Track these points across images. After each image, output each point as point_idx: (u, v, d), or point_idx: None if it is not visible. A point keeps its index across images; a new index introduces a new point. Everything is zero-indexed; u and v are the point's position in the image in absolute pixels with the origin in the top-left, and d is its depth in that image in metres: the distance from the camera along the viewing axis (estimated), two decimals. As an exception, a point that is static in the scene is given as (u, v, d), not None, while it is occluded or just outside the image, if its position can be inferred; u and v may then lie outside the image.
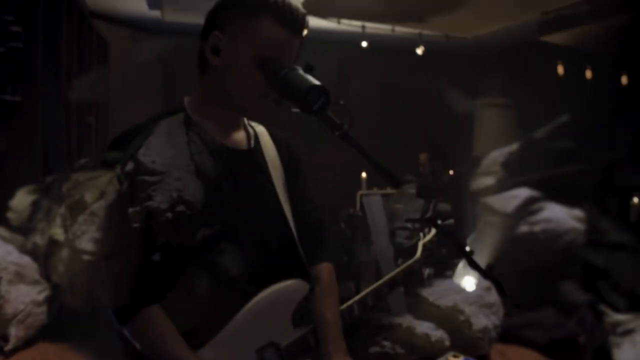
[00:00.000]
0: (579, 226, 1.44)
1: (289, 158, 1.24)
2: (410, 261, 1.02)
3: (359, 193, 4.44)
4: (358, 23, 5.02)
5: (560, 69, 4.68)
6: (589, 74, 4.62)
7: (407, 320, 0.91)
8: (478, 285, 1.08)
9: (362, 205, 3.85)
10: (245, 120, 1.22)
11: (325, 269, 1.19)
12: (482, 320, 1.01)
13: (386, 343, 0.85)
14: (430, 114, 5.47)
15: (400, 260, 2.20)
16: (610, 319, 1.23)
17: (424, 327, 0.91)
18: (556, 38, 4.72)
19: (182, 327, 0.76)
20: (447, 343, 0.93)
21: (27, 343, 1.21)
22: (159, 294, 0.77)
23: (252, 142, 1.18)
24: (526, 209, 1.49)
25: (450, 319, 0.97)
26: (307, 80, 0.98)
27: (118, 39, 4.82)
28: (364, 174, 4.48)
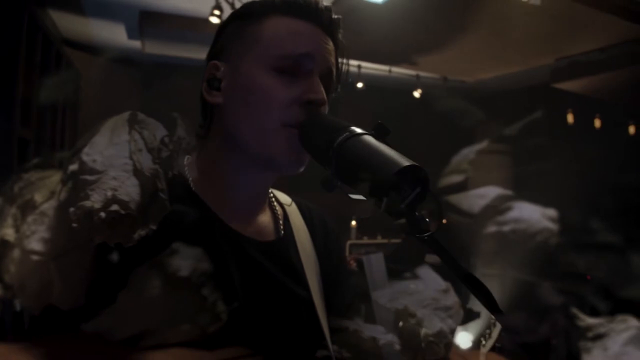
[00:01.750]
0: (552, 226, 1.41)
1: (327, 246, 1.02)
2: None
3: (348, 242, 4.37)
4: (354, 62, 5.10)
5: (570, 117, 4.78)
6: (598, 122, 4.74)
7: (355, 324, 0.89)
8: (433, 287, 1.05)
9: (358, 262, 3.76)
10: (271, 194, 1.00)
11: None
12: (437, 324, 0.98)
13: (333, 347, 0.83)
14: (427, 157, 5.50)
15: (401, 324, 2.17)
16: (582, 322, 1.18)
17: (372, 331, 0.88)
18: (565, 85, 4.83)
19: (134, 328, 0.75)
20: (397, 347, 0.92)
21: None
22: (111, 295, 0.76)
23: (282, 227, 0.96)
24: (495, 209, 1.45)
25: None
26: (390, 159, 0.66)
27: (92, 69, 4.84)
28: (353, 222, 4.42)
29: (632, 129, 4.88)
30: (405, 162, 0.66)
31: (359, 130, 0.73)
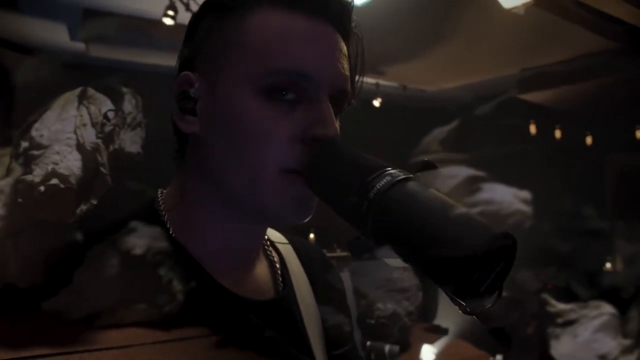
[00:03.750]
0: (525, 208, 1.43)
1: (330, 298, 0.88)
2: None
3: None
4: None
5: (533, 128, 4.91)
6: (558, 133, 4.91)
7: None
8: (390, 268, 1.04)
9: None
10: (266, 236, 0.85)
11: None
12: (390, 306, 0.95)
13: None
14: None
15: (368, 344, 2.13)
16: (552, 308, 1.19)
17: (321, 312, 0.83)
18: (529, 96, 4.98)
19: (90, 307, 0.72)
20: (347, 328, 0.89)
21: None
22: (70, 273, 0.72)
23: (280, 280, 0.81)
24: (465, 190, 1.44)
25: (351, 303, 0.94)
26: (472, 225, 0.50)
27: (28, 71, 4.64)
28: (312, 235, 4.37)
29: (589, 140, 5.09)
30: (490, 230, 0.48)
31: (400, 172, 0.55)
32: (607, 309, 1.24)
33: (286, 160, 0.64)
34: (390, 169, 0.55)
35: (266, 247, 0.84)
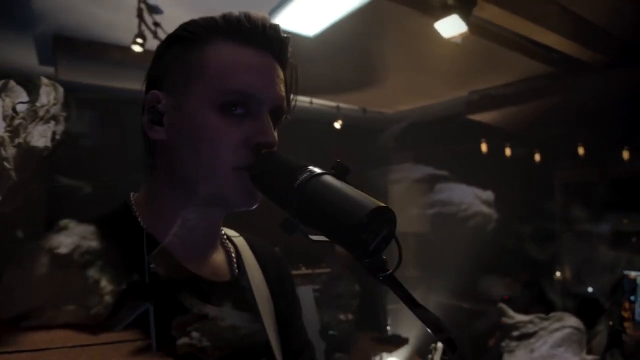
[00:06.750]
0: (487, 210, 1.45)
1: (281, 285, 1.02)
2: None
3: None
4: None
5: (484, 146, 5.19)
6: (508, 151, 5.18)
7: (216, 311, 0.85)
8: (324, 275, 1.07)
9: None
10: (222, 231, 0.99)
11: None
12: (323, 314, 1.00)
13: (195, 334, 0.81)
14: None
15: (336, 355, 2.14)
16: (509, 320, 1.16)
17: (234, 319, 0.86)
18: (478, 116, 5.26)
19: (19, 307, 0.74)
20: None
21: None
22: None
23: (235, 267, 0.95)
24: (420, 189, 1.47)
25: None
26: (357, 201, 0.66)
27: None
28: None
29: (537, 157, 5.43)
30: (373, 203, 0.65)
31: (318, 169, 0.72)
32: (571, 321, 1.18)
33: (237, 160, 0.80)
34: (311, 167, 0.72)
35: (223, 240, 0.98)
